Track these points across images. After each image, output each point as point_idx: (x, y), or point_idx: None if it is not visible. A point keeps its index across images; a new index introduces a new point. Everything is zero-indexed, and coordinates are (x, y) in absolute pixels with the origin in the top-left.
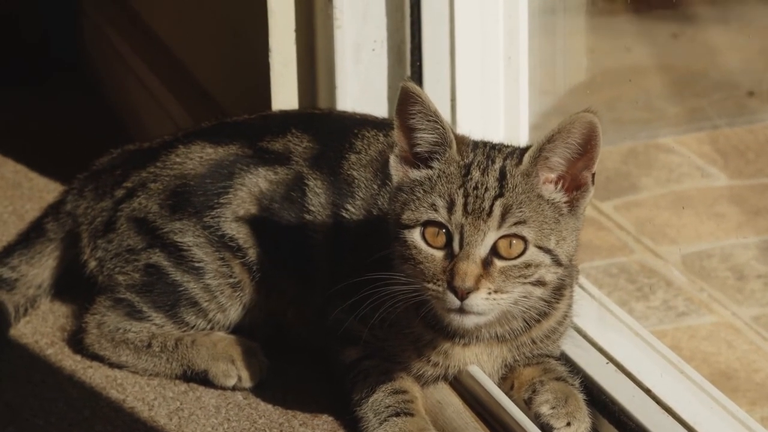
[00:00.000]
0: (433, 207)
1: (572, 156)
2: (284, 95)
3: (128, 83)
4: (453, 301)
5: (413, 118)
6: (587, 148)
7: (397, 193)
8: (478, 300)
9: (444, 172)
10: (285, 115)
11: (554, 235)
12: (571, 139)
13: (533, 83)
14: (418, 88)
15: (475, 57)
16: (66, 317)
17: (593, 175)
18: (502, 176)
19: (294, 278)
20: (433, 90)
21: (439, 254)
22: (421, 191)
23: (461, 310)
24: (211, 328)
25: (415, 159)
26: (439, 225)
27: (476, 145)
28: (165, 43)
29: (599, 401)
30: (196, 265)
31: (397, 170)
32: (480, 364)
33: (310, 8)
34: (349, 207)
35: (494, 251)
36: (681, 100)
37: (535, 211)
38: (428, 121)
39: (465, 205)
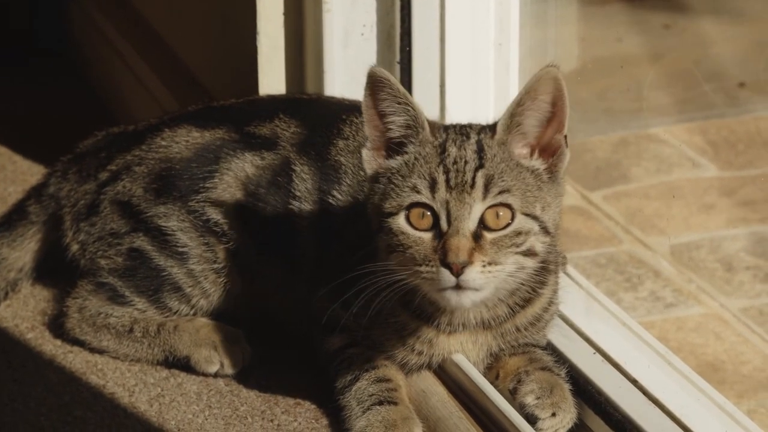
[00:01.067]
0: (415, 189)
1: (542, 118)
2: (272, 79)
3: (115, 67)
4: (448, 278)
5: (383, 103)
6: (555, 109)
7: (374, 186)
8: (474, 274)
9: (420, 154)
10: (273, 99)
11: (539, 202)
12: (538, 98)
13: (524, 71)
14: (385, 71)
15: (466, 43)
16: (47, 301)
17: (566, 137)
18: (480, 148)
19: (279, 264)
20: (423, 76)
21: (427, 236)
22: (399, 177)
23: (458, 287)
24: (194, 314)
25: (389, 148)
26: (424, 206)
27: (447, 126)
28: (152, 26)
29: (585, 392)
30: (180, 249)
31: (370, 162)
32: (465, 353)
33: None
34: (335, 193)
35: (482, 224)
36: (672, 90)
37: (516, 179)
38: (398, 104)
39: (447, 181)
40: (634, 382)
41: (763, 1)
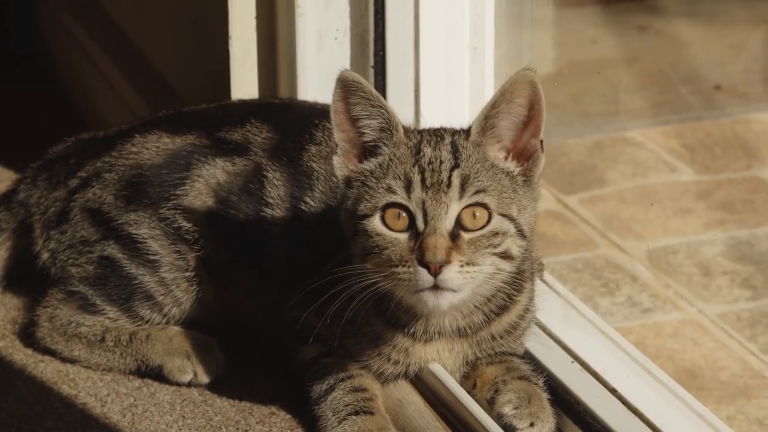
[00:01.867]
0: (390, 189)
1: (518, 122)
2: (244, 84)
3: (86, 71)
4: (426, 278)
5: (356, 107)
6: (531, 114)
7: (347, 190)
8: (452, 274)
9: (394, 155)
10: (244, 104)
11: (515, 203)
12: (514, 102)
13: (499, 75)
14: (356, 75)
15: (440, 47)
16: (17, 310)
17: (541, 142)
18: (455, 149)
19: (251, 272)
20: (397, 80)
21: (403, 236)
22: (373, 179)
23: (435, 288)
24: (167, 323)
25: (361, 152)
26: (399, 206)
27: (420, 129)
28: (123, 30)
29: (564, 401)
30: (151, 257)
31: (342, 168)
32: (441, 361)
33: None
34: (308, 200)
35: (459, 224)
36: (647, 93)
37: (492, 179)
38: (372, 106)
39: (422, 180)
40: (613, 391)
41: (739, 3)
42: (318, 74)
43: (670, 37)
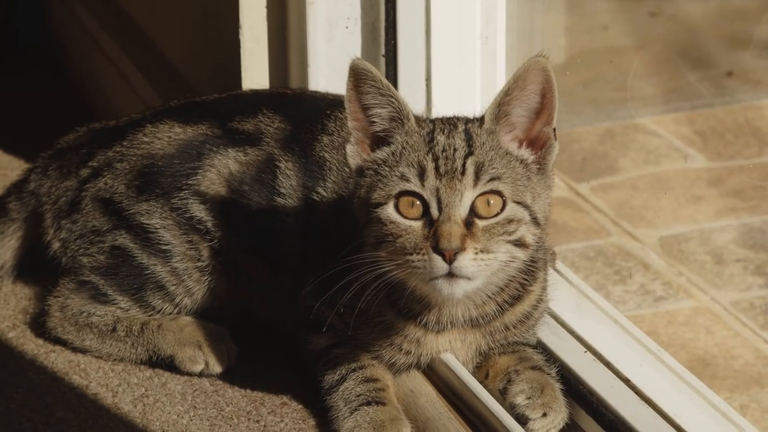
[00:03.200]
0: (404, 177)
1: (531, 110)
2: (255, 73)
3: (96, 61)
4: (441, 266)
5: (366, 96)
6: (544, 102)
7: (360, 179)
8: (467, 261)
9: (407, 143)
10: (256, 94)
11: (529, 191)
12: (527, 89)
13: (510, 63)
14: (367, 64)
15: (452, 36)
16: (29, 300)
17: (554, 130)
18: (468, 136)
19: (263, 263)
20: (408, 69)
21: (417, 224)
22: (387, 168)
23: (449, 276)
24: (178, 313)
25: (374, 141)
26: (413, 194)
27: (433, 118)
28: (134, 19)
29: (577, 391)
30: (163, 247)
31: (354, 157)
32: (453, 352)
33: None
34: (320, 190)
35: (473, 212)
36: (659, 79)
37: (506, 167)
38: (382, 95)
39: (436, 168)
40: (626, 381)
41: None
42: (329, 63)
43: (681, 23)
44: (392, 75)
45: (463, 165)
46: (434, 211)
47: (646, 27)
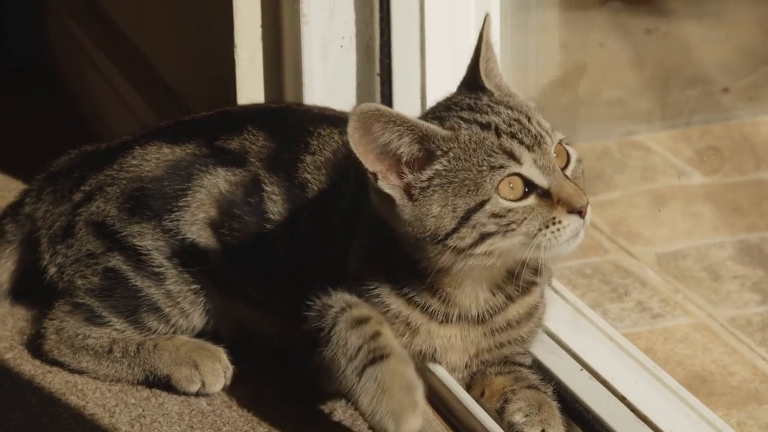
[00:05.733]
0: (495, 167)
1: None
2: (250, 92)
3: (91, 78)
4: (579, 223)
5: (383, 136)
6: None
7: (414, 202)
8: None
9: (467, 141)
10: (242, 110)
11: None
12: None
13: (506, 81)
14: (368, 106)
15: (446, 55)
16: (26, 321)
17: None
18: (504, 104)
19: (257, 283)
20: (403, 88)
21: (531, 201)
22: (459, 173)
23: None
24: (174, 332)
25: (400, 167)
26: (514, 176)
27: (435, 114)
28: (128, 37)
29: (573, 409)
30: (156, 270)
31: (393, 188)
32: (451, 346)
33: (276, 3)
34: (305, 213)
35: None
36: (655, 96)
37: (538, 113)
38: (398, 125)
39: (521, 142)
40: (623, 399)
41: (746, 4)
42: (324, 82)
43: (677, 40)
44: (387, 94)
45: (536, 129)
46: (541, 180)
47: (642, 44)
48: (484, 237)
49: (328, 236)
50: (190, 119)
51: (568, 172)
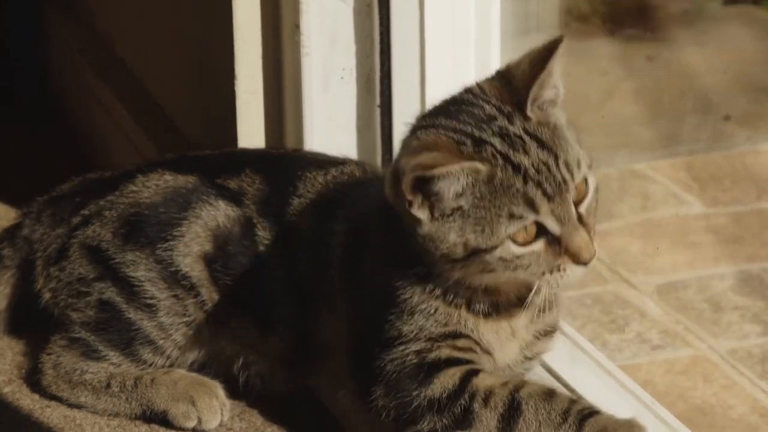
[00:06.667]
0: (514, 216)
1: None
2: (250, 124)
3: (93, 110)
4: (581, 272)
5: (431, 188)
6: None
7: (438, 224)
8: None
9: (499, 182)
10: (243, 153)
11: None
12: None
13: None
14: (419, 173)
15: (447, 87)
16: (24, 354)
17: None
18: (537, 140)
19: (250, 324)
20: (403, 119)
21: (539, 245)
22: (481, 210)
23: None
24: (171, 365)
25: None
26: (532, 222)
27: (473, 132)
28: (131, 69)
29: None
30: (149, 302)
31: (425, 209)
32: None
33: (277, 35)
34: (296, 256)
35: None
36: (656, 124)
37: (572, 141)
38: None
39: (544, 192)
40: None
41: (747, 32)
42: (324, 113)
43: (678, 68)
44: (387, 125)
45: (562, 174)
46: (554, 228)
47: (644, 71)
48: (490, 271)
49: (324, 275)
50: (194, 155)
51: (583, 207)
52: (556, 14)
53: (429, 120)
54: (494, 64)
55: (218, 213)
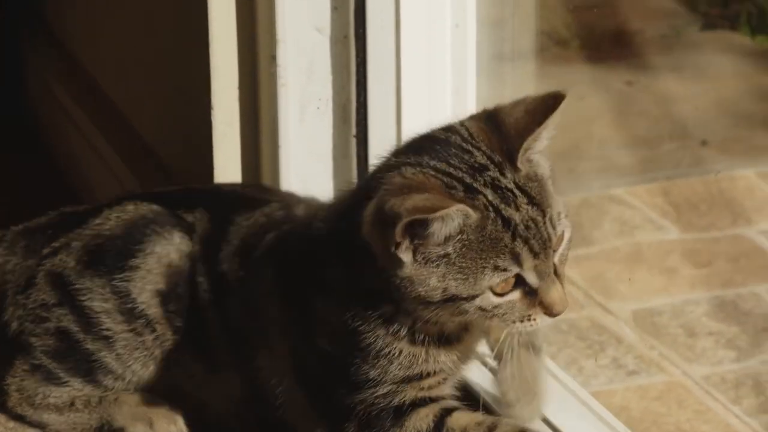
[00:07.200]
0: (499, 269)
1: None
2: (226, 154)
3: (71, 137)
4: (550, 322)
5: (419, 231)
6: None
7: (419, 266)
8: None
9: (489, 236)
10: (201, 190)
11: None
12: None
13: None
14: (418, 216)
15: (422, 118)
16: None
17: None
18: (526, 194)
19: (204, 371)
20: (379, 150)
21: (516, 295)
22: (466, 260)
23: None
24: (134, 389)
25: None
26: (514, 276)
27: (465, 179)
28: (109, 97)
29: None
30: (105, 333)
31: (408, 251)
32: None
33: (253, 65)
34: (229, 304)
35: None
36: (634, 149)
37: (552, 193)
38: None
39: (530, 249)
40: None
41: (724, 58)
42: (301, 143)
43: (656, 93)
44: (363, 156)
45: (547, 231)
46: (533, 281)
47: (622, 97)
48: (462, 316)
49: (262, 321)
50: (158, 190)
51: (557, 256)
52: (533, 39)
53: (412, 158)
54: (470, 92)
55: (171, 249)
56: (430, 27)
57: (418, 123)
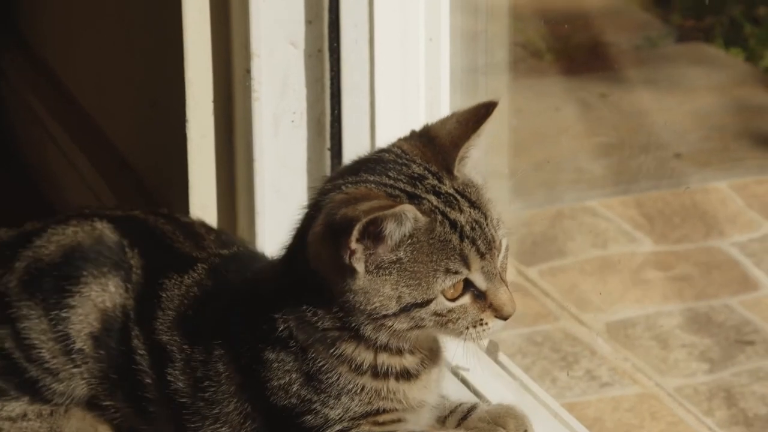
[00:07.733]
0: (450, 271)
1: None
2: (201, 167)
3: (47, 149)
4: (500, 325)
5: (371, 232)
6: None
7: (372, 276)
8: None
9: (438, 239)
10: (143, 224)
11: None
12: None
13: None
14: (374, 215)
15: (396, 131)
16: None
17: None
18: (467, 199)
19: (133, 410)
20: None
21: (466, 300)
22: (418, 264)
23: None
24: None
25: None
26: (463, 279)
27: (407, 188)
28: (85, 109)
29: None
30: (45, 365)
31: (360, 260)
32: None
33: (228, 79)
34: (165, 373)
35: None
36: (608, 161)
37: (490, 201)
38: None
39: (477, 250)
40: None
41: (698, 71)
42: (275, 157)
43: (630, 105)
44: (337, 168)
45: (491, 232)
46: (481, 284)
47: (597, 109)
48: (420, 327)
49: (211, 392)
50: (108, 212)
51: (498, 261)
52: (507, 52)
53: (349, 177)
54: (444, 106)
55: (106, 297)
56: (403, 41)
57: (392, 136)
